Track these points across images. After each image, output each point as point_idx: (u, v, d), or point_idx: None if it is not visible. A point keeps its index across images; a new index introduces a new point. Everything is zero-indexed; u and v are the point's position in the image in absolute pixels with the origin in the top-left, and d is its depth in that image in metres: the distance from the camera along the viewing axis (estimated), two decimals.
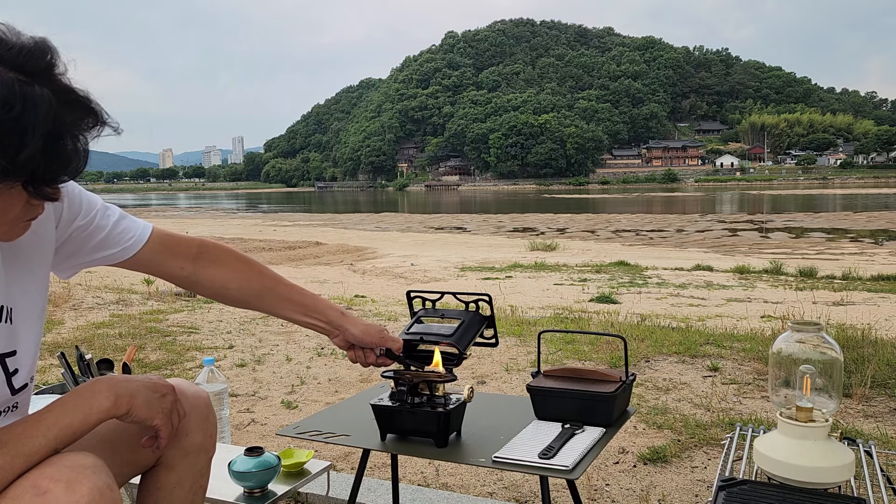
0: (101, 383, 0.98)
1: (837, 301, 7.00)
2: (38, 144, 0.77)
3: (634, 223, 26.20)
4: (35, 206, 0.89)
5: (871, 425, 2.68)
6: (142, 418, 1.00)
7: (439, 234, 22.70)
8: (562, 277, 9.77)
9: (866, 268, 10.70)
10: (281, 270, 11.09)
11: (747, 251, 15.65)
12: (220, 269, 1.29)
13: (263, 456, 1.71)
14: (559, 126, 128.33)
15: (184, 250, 1.25)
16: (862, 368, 3.16)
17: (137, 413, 0.99)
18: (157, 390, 1.02)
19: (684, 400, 3.03)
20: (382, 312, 5.61)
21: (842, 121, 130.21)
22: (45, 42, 0.80)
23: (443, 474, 2.34)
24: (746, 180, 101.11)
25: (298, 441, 2.14)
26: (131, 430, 1.18)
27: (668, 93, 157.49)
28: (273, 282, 1.33)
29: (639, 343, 3.97)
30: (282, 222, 29.87)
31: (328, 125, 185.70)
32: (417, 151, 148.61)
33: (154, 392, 1.01)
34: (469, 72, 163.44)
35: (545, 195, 70.84)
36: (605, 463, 2.40)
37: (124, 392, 0.98)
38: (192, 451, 1.22)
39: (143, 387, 1.00)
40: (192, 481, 1.23)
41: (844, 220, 25.32)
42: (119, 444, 1.13)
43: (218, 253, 1.29)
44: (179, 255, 1.25)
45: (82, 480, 0.85)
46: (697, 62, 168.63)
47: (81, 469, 0.86)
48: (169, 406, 1.03)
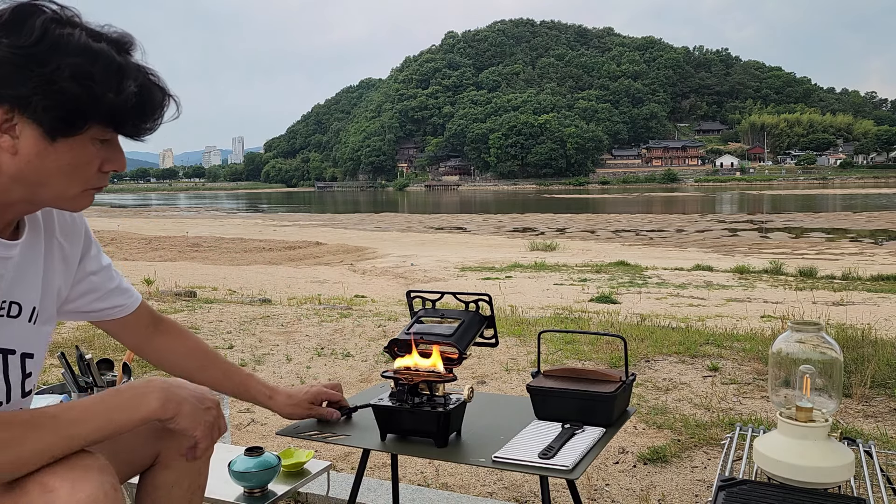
0: (154, 384, 1.01)
1: (837, 301, 7.00)
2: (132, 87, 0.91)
3: (634, 223, 26.20)
4: (104, 176, 0.98)
5: (871, 425, 2.68)
6: (183, 427, 1.03)
7: (439, 234, 22.70)
8: (562, 277, 9.77)
9: (866, 268, 10.71)
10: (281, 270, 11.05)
11: (747, 251, 15.66)
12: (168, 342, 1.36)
13: (263, 456, 1.71)
14: (559, 126, 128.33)
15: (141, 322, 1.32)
16: (862, 368, 3.16)
17: (181, 421, 1.02)
18: (202, 402, 1.06)
19: (684, 400, 3.03)
20: (382, 312, 5.61)
21: (842, 121, 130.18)
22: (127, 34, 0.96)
23: (443, 474, 2.34)
24: (746, 180, 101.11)
25: (298, 441, 2.14)
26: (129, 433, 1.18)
27: (668, 93, 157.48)
28: (213, 359, 1.40)
29: (639, 343, 3.97)
30: (282, 222, 29.87)
31: (328, 125, 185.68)
32: (417, 151, 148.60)
33: (200, 404, 1.05)
34: (469, 72, 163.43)
35: (545, 195, 70.85)
36: (605, 463, 2.40)
37: (173, 398, 1.01)
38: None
39: (192, 396, 1.04)
40: (190, 480, 1.23)
41: (844, 220, 25.32)
42: (118, 444, 1.13)
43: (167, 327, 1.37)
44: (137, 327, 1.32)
45: (88, 480, 0.86)
46: (697, 62, 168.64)
47: (88, 469, 0.87)
48: (212, 420, 1.06)
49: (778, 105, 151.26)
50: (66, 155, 0.92)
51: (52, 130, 0.90)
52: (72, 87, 0.88)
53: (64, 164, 0.93)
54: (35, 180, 0.93)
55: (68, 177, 0.94)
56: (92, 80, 0.89)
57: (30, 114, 0.89)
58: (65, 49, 0.88)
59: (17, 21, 0.88)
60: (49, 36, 0.88)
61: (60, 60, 0.88)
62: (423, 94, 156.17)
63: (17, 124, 0.90)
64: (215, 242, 18.44)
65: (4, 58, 0.87)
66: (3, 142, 0.90)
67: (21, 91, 0.88)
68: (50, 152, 0.91)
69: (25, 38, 0.87)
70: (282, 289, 8.72)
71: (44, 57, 0.87)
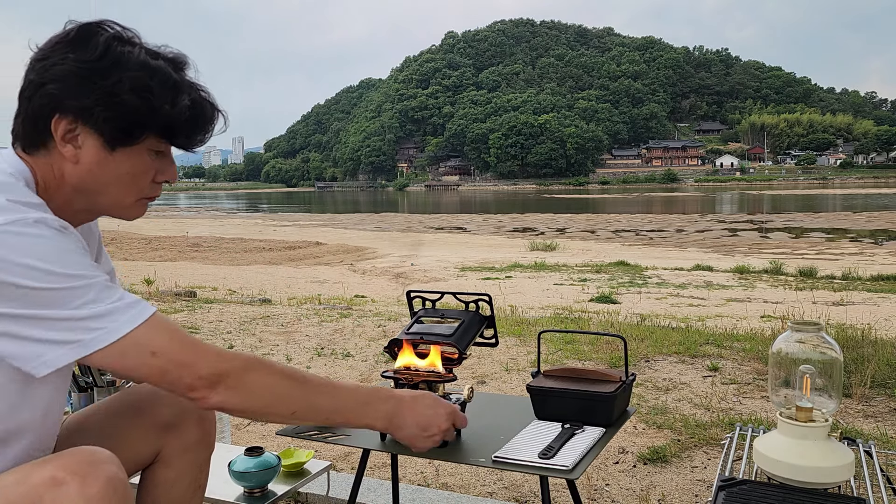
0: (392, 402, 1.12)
1: (837, 301, 7.00)
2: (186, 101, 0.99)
3: (634, 223, 26.20)
4: (157, 186, 1.06)
5: (871, 425, 2.68)
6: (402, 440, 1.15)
7: (439, 234, 22.70)
8: (562, 277, 9.78)
9: (866, 268, 10.71)
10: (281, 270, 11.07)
11: (747, 251, 15.66)
12: None
13: (263, 456, 1.71)
14: (559, 126, 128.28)
15: None
16: (862, 368, 3.16)
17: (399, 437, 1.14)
18: (426, 430, 1.15)
19: (684, 400, 3.03)
20: (382, 312, 5.61)
21: (841, 121, 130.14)
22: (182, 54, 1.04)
23: (443, 474, 2.34)
24: (746, 180, 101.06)
25: (298, 441, 2.14)
26: (131, 428, 1.18)
27: (668, 93, 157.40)
28: None
29: (639, 343, 3.97)
30: (282, 222, 29.87)
31: (328, 125, 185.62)
32: (417, 151, 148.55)
33: (423, 432, 1.14)
34: (469, 72, 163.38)
35: (545, 195, 70.84)
36: (604, 463, 2.40)
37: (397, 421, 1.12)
38: (190, 447, 1.22)
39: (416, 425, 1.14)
40: (191, 478, 1.23)
41: (844, 220, 25.32)
42: (119, 441, 1.13)
43: None
44: None
45: (98, 475, 0.87)
46: (697, 62, 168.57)
47: (98, 464, 0.88)
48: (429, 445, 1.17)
49: (778, 105, 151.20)
50: (124, 164, 0.99)
51: (112, 140, 0.97)
52: (132, 99, 0.95)
53: (122, 174, 1.00)
54: (94, 189, 1.00)
55: (125, 186, 1.01)
56: (150, 93, 0.96)
57: (92, 124, 0.96)
58: (125, 64, 0.96)
59: (83, 38, 0.96)
60: (111, 52, 0.96)
61: (121, 74, 0.95)
62: (423, 94, 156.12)
63: (79, 135, 0.96)
64: (215, 242, 18.44)
65: (70, 71, 0.94)
66: (67, 151, 0.97)
67: (84, 102, 0.95)
68: (109, 161, 0.98)
69: (90, 54, 0.95)
70: (282, 289, 8.72)
71: (106, 71, 0.95)
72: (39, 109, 0.96)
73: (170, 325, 0.95)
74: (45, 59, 0.95)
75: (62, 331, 0.87)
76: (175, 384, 0.94)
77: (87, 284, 0.89)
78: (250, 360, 1.00)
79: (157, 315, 0.94)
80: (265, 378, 0.99)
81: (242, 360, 0.99)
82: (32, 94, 0.96)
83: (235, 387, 0.97)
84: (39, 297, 0.86)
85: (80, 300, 0.88)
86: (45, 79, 0.95)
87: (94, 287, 0.89)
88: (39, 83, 0.95)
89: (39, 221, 0.89)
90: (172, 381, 0.94)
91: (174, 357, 0.93)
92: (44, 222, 0.89)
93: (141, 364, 0.92)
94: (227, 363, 0.97)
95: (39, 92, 0.95)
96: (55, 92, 0.94)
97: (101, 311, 0.89)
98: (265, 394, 0.99)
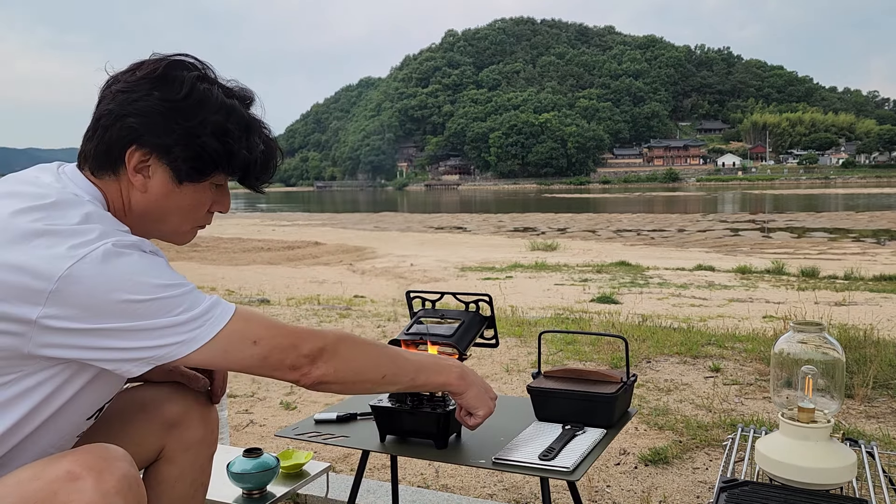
0: (456, 363, 1.24)
1: (839, 301, 6.98)
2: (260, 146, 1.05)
3: (636, 223, 26.19)
4: (210, 216, 1.11)
5: (874, 426, 2.67)
6: (469, 405, 1.24)
7: (439, 234, 22.69)
8: (562, 277, 9.77)
9: (868, 268, 10.69)
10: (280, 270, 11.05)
11: (749, 251, 15.63)
12: None
13: (262, 457, 1.71)
14: (560, 125, 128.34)
15: None
16: (864, 369, 3.14)
17: (468, 399, 1.23)
18: (488, 391, 1.28)
19: (686, 401, 3.02)
20: (382, 313, 5.60)
21: (844, 120, 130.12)
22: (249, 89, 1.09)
23: (443, 476, 2.33)
24: (748, 180, 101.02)
25: (297, 442, 2.13)
26: (135, 425, 1.18)
27: (670, 91, 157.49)
28: None
29: (640, 344, 3.97)
30: (280, 222, 29.87)
31: (327, 124, 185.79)
32: (417, 151, 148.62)
33: (486, 392, 1.27)
34: (469, 70, 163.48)
35: (546, 195, 70.83)
36: (606, 464, 2.39)
37: (467, 377, 1.23)
38: (193, 445, 1.23)
39: (482, 382, 1.27)
40: (193, 476, 1.24)
41: (846, 219, 25.28)
42: (123, 437, 1.13)
43: None
44: None
45: (112, 471, 0.88)
46: (699, 61, 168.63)
47: (113, 460, 0.89)
48: (492, 407, 1.27)
49: (780, 104, 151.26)
50: (188, 197, 1.04)
51: (183, 176, 1.02)
52: (211, 141, 1.00)
53: (185, 205, 1.05)
54: (156, 217, 1.05)
55: (185, 215, 1.07)
56: (229, 136, 1.01)
57: (167, 160, 1.00)
58: (207, 105, 1.00)
59: (168, 76, 0.99)
60: (195, 93, 0.99)
61: (204, 116, 0.99)
62: (423, 92, 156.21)
63: (151, 166, 1.00)
64: (213, 242, 18.43)
65: (154, 109, 0.98)
66: (137, 181, 1.01)
67: (165, 140, 0.99)
68: (176, 193, 1.03)
69: (175, 93, 0.99)
70: (280, 289, 8.72)
71: (190, 112, 0.99)
72: (117, 139, 0.99)
73: (256, 314, 1.01)
74: (129, 92, 0.98)
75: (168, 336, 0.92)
76: (277, 367, 1.00)
77: (182, 293, 0.94)
78: (340, 334, 1.08)
79: (242, 308, 1.00)
80: (356, 347, 1.09)
81: (334, 334, 1.07)
82: (111, 125, 0.99)
83: (332, 359, 1.04)
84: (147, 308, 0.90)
85: (180, 307, 0.93)
86: (127, 111, 0.98)
87: (189, 294, 0.95)
88: (121, 114, 0.98)
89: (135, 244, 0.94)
90: (274, 364, 1.00)
91: (275, 342, 0.99)
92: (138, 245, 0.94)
93: (244, 354, 0.97)
94: (323, 339, 1.04)
95: (119, 123, 0.98)
96: (136, 126, 0.98)
97: (196, 314, 0.94)
98: (359, 360, 1.08)
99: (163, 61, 1.01)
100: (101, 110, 1.00)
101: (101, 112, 1.00)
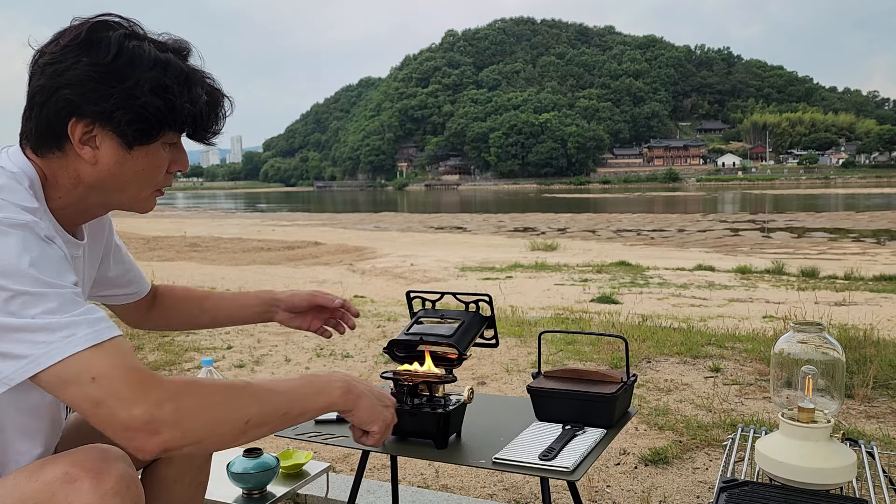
0: (337, 377, 1.04)
1: (839, 301, 6.98)
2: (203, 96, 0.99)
3: (636, 223, 26.18)
4: (169, 177, 1.05)
5: (874, 426, 2.67)
6: (361, 420, 1.05)
7: (439, 234, 22.69)
8: (562, 277, 9.76)
9: (868, 268, 10.69)
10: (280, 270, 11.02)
11: (749, 251, 15.63)
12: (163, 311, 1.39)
13: (262, 457, 1.71)
14: (560, 125, 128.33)
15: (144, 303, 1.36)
16: (864, 369, 3.14)
17: (359, 414, 1.04)
18: (381, 400, 1.07)
19: (686, 401, 3.02)
20: (382, 313, 5.60)
21: (844, 120, 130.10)
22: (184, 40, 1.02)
23: (443, 476, 2.33)
24: (748, 180, 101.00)
25: (297, 442, 2.13)
26: None
27: (670, 92, 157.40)
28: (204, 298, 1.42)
29: (640, 344, 3.96)
30: (280, 222, 29.86)
31: (327, 124, 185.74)
32: (417, 151, 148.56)
33: (379, 400, 1.06)
34: (469, 70, 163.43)
35: (546, 195, 70.79)
36: (606, 464, 2.39)
37: (353, 391, 1.03)
38: None
39: (370, 392, 1.06)
40: (191, 476, 1.24)
41: (847, 219, 25.28)
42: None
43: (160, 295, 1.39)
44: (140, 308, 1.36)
45: (110, 472, 0.87)
46: (699, 61, 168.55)
47: (110, 461, 0.89)
48: (389, 418, 1.08)
49: (780, 104, 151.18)
50: (141, 161, 0.98)
51: (131, 141, 0.96)
52: (152, 100, 0.94)
53: (139, 170, 0.99)
54: (113, 187, 0.99)
55: (143, 181, 1.01)
56: (169, 91, 0.95)
57: (111, 127, 0.94)
58: (140, 63, 0.93)
59: (93, 39, 0.93)
60: (125, 51, 0.93)
61: (139, 75, 0.93)
62: (423, 92, 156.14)
63: (96, 136, 0.95)
64: (213, 242, 18.43)
65: (85, 76, 0.92)
66: (85, 153, 0.95)
67: (103, 106, 0.92)
68: (127, 160, 0.97)
69: (103, 56, 0.92)
70: (280, 289, 8.71)
71: (123, 73, 0.93)
72: (55, 114, 0.93)
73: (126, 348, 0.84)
74: (57, 63, 0.92)
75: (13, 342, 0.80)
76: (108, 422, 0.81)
77: (54, 293, 0.82)
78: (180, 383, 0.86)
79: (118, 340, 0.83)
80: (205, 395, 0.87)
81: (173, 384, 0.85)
82: (45, 100, 0.93)
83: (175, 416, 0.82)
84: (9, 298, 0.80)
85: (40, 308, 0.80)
86: (58, 83, 0.92)
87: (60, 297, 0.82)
88: (53, 88, 0.92)
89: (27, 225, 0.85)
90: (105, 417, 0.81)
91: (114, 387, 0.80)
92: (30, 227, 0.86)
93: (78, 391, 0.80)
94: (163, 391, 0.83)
95: (54, 97, 0.92)
96: (72, 97, 0.92)
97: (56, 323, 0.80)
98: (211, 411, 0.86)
99: (85, 24, 0.94)
100: (34, 87, 0.94)
101: (33, 89, 0.94)
